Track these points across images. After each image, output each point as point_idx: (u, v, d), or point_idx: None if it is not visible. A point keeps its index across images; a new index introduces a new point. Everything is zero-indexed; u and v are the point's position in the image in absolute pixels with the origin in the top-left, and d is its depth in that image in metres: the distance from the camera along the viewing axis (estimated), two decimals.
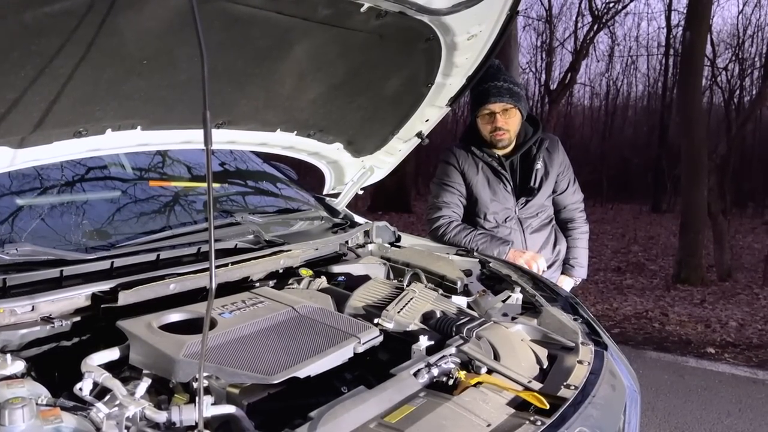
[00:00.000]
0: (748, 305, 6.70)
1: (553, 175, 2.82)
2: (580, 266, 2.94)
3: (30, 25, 1.17)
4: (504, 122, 2.69)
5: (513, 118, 2.71)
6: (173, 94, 1.59)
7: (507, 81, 2.67)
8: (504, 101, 2.66)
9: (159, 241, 1.80)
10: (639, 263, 9.32)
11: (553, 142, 2.84)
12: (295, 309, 1.60)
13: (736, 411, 3.93)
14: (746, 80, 17.23)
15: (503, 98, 2.65)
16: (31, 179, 1.85)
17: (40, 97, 1.34)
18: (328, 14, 1.57)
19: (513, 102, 2.67)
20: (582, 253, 2.95)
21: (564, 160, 2.86)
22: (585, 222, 2.97)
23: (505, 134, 2.71)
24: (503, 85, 2.65)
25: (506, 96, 2.65)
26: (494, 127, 2.70)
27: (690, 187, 8.00)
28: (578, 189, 2.97)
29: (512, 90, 2.67)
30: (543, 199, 2.82)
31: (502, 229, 2.80)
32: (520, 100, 2.71)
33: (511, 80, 2.70)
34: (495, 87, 2.63)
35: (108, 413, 1.13)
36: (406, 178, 15.28)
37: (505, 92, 2.65)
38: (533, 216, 2.82)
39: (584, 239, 2.96)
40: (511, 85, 2.67)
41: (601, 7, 14.32)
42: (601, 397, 1.45)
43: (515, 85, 2.70)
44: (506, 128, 2.70)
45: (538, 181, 2.78)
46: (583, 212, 2.97)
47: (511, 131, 2.72)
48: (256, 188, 2.67)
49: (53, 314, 1.42)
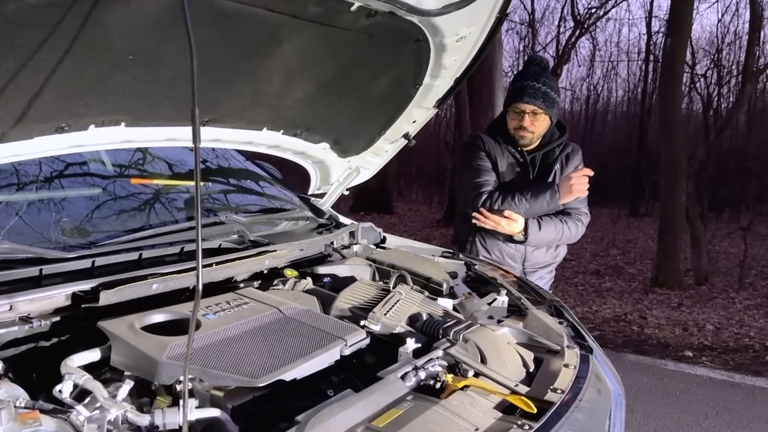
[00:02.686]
0: (724, 309, 6.80)
1: None
2: (537, 230, 2.68)
3: (13, 16, 1.14)
4: (530, 123, 2.70)
5: (540, 122, 2.72)
6: (159, 90, 1.56)
7: (546, 85, 2.66)
8: (536, 104, 2.66)
9: (141, 240, 1.77)
10: (617, 266, 9.41)
11: (575, 149, 2.85)
12: (280, 310, 1.58)
13: (713, 414, 3.98)
14: (724, 88, 17.54)
15: (536, 101, 2.65)
16: (8, 175, 1.81)
17: (22, 91, 1.31)
18: (318, 12, 1.56)
19: (544, 106, 2.67)
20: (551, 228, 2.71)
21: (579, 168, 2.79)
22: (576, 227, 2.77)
23: (528, 135, 2.73)
24: (540, 87, 2.64)
25: (540, 99, 2.65)
26: (520, 126, 2.72)
27: (668, 192, 8.10)
28: (584, 202, 2.82)
29: (547, 95, 2.66)
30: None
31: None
32: (553, 106, 2.71)
33: (550, 84, 2.69)
34: (532, 87, 2.63)
35: (89, 416, 1.11)
36: (389, 179, 15.30)
37: (540, 95, 2.65)
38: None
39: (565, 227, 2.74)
40: (548, 90, 2.66)
41: (584, 12, 14.49)
42: (587, 401, 1.45)
43: (552, 90, 2.69)
44: (531, 129, 2.71)
45: (555, 179, 2.78)
46: (579, 222, 2.78)
47: (536, 134, 2.74)
48: (240, 187, 2.63)
49: (32, 314, 1.39)
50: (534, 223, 2.69)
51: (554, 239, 2.76)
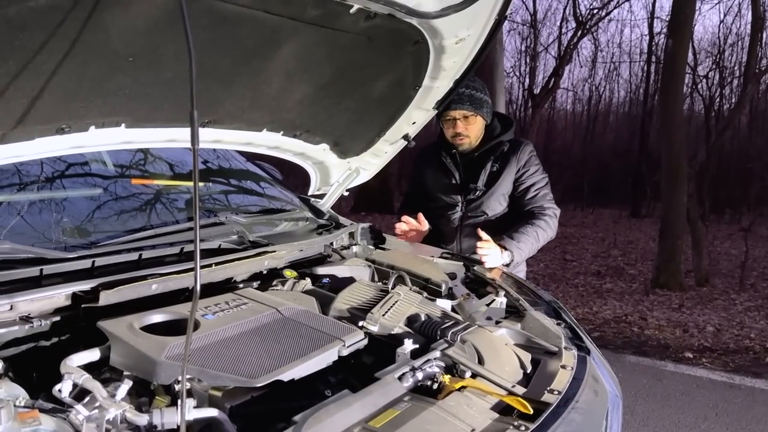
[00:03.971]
0: (724, 310, 6.80)
1: (508, 178, 2.80)
2: (518, 244, 2.59)
3: (13, 19, 1.15)
4: (464, 128, 2.77)
5: (473, 124, 2.78)
6: (159, 91, 1.57)
7: (469, 87, 2.69)
8: (464, 108, 2.72)
9: (141, 240, 1.77)
10: (618, 267, 9.41)
11: (516, 145, 2.83)
12: (279, 311, 1.58)
13: (713, 415, 3.98)
14: (726, 89, 17.52)
15: (464, 105, 2.71)
16: (9, 175, 1.82)
17: (23, 93, 1.32)
18: (317, 15, 1.56)
19: (473, 109, 2.73)
20: (527, 236, 2.63)
21: (527, 165, 2.81)
22: (548, 224, 2.71)
23: (465, 139, 2.81)
24: (464, 92, 2.68)
25: (467, 103, 2.71)
26: (455, 133, 2.79)
27: (669, 193, 8.10)
28: (546, 197, 2.81)
29: (473, 97, 2.71)
30: (491, 201, 2.81)
31: (444, 220, 2.89)
32: (482, 106, 2.75)
33: (474, 86, 2.73)
34: (457, 94, 2.58)
35: (88, 415, 1.11)
36: (390, 179, 15.29)
37: (465, 99, 2.70)
38: (478, 216, 2.83)
39: (539, 230, 2.67)
40: (473, 92, 2.71)
41: (586, 13, 14.49)
42: (583, 402, 1.46)
43: (477, 91, 2.73)
44: (466, 134, 2.79)
45: (483, 181, 2.81)
46: (548, 217, 2.73)
47: (472, 136, 2.81)
48: (240, 188, 2.64)
49: (32, 314, 1.40)
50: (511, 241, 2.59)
51: (534, 246, 2.68)
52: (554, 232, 2.77)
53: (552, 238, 2.77)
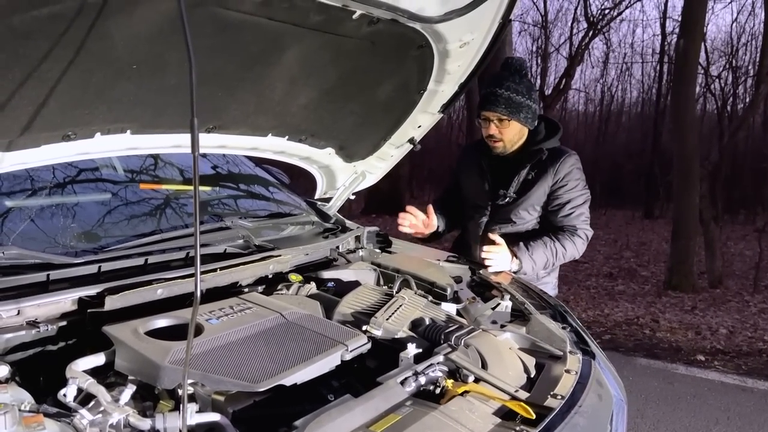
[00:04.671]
0: (738, 312, 6.73)
1: (542, 188, 2.64)
2: (530, 255, 2.54)
3: (18, 28, 1.17)
4: (497, 131, 2.62)
5: (508, 128, 2.61)
6: (163, 98, 1.59)
7: (510, 89, 2.54)
8: (498, 111, 2.56)
9: (147, 245, 1.79)
10: (631, 269, 9.34)
11: (557, 154, 2.65)
12: (282, 315, 1.59)
13: (724, 419, 3.94)
14: (740, 88, 17.33)
15: (498, 108, 2.56)
16: (18, 180, 1.84)
17: (28, 101, 1.34)
18: (320, 21, 1.57)
19: (507, 113, 2.56)
20: (544, 248, 2.57)
21: (566, 179, 2.63)
22: (574, 244, 2.62)
23: (499, 143, 2.65)
24: (502, 93, 2.54)
25: (501, 106, 2.55)
26: (488, 134, 2.65)
27: (681, 194, 8.03)
28: (581, 217, 2.66)
29: (511, 100, 2.55)
30: (520, 209, 2.68)
31: (473, 223, 2.82)
32: (519, 111, 2.57)
33: (516, 89, 2.55)
34: (494, 95, 2.54)
35: (91, 420, 1.13)
36: (401, 181, 15.28)
37: (501, 102, 2.55)
38: (505, 223, 2.71)
39: (559, 246, 2.59)
40: (511, 95, 2.54)
41: (597, 13, 14.40)
42: (587, 407, 1.45)
43: (518, 95, 2.55)
44: (499, 137, 2.63)
45: (514, 188, 2.66)
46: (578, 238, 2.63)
47: (506, 140, 2.64)
48: (248, 192, 2.66)
49: (39, 318, 1.42)
50: (524, 250, 2.54)
51: (550, 261, 2.60)
52: (579, 254, 2.66)
53: (575, 258, 2.67)
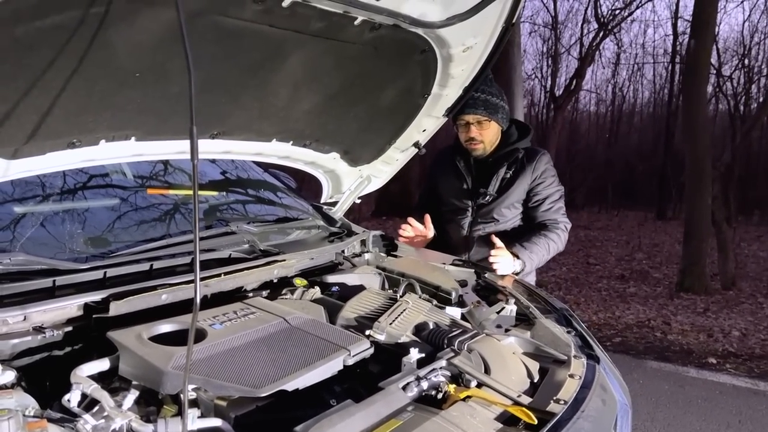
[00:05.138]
0: (751, 315, 6.66)
1: (521, 186, 2.77)
2: (530, 254, 2.61)
3: (22, 39, 1.19)
4: (478, 133, 2.73)
5: (487, 129, 2.74)
6: (166, 105, 1.60)
7: (485, 92, 2.66)
8: (478, 113, 2.68)
9: (153, 250, 1.80)
10: (643, 271, 9.27)
11: (533, 154, 2.80)
12: (286, 320, 1.60)
13: (735, 423, 3.90)
14: (752, 87, 17.16)
15: (477, 110, 2.67)
16: (26, 186, 1.86)
17: (33, 109, 1.35)
18: (322, 27, 1.58)
19: (487, 114, 2.69)
20: (539, 246, 2.65)
21: (543, 176, 2.78)
22: (559, 237, 2.72)
23: (479, 144, 2.76)
24: (479, 96, 2.65)
25: (481, 108, 2.67)
26: (468, 137, 2.76)
27: (694, 195, 7.97)
28: (560, 210, 2.80)
29: (488, 102, 2.68)
30: (502, 208, 2.79)
31: (454, 225, 2.89)
32: (497, 112, 2.71)
33: (490, 91, 2.69)
34: (471, 98, 2.60)
35: (95, 425, 1.14)
36: (410, 183, 15.27)
37: (480, 104, 2.66)
38: (488, 222, 2.82)
39: (551, 242, 2.68)
40: (488, 97, 2.67)
41: (607, 14, 14.34)
42: (591, 412, 1.44)
43: (493, 96, 2.69)
44: (480, 139, 2.75)
45: (494, 187, 2.78)
46: (560, 230, 2.74)
47: (486, 142, 2.77)
48: (255, 196, 2.68)
49: (45, 324, 1.43)
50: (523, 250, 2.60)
51: (545, 257, 2.69)
52: (563, 246, 2.78)
53: (560, 251, 2.78)
